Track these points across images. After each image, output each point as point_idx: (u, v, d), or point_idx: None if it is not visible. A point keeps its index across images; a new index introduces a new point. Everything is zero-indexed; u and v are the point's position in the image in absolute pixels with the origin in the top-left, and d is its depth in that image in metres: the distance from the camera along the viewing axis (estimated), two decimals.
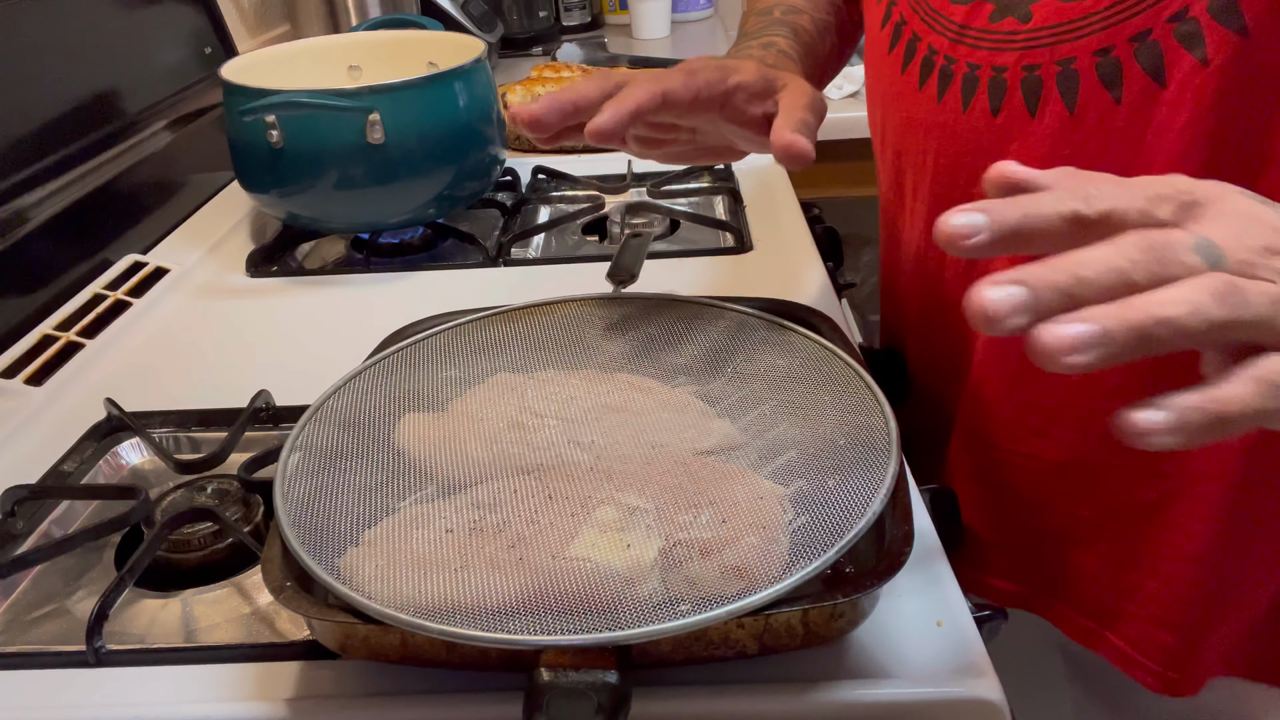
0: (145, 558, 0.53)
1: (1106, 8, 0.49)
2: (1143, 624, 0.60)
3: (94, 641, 0.48)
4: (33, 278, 0.82)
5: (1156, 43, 0.48)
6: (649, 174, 1.07)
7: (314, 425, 0.52)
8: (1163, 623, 0.59)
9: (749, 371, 0.56)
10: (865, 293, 1.51)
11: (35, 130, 0.86)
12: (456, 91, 0.90)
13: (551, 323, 0.61)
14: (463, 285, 0.87)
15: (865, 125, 0.72)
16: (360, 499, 0.48)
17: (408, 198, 0.90)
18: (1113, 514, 0.59)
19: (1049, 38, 0.51)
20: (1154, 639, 0.60)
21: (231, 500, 0.58)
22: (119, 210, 0.94)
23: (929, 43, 0.58)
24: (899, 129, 0.63)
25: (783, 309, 0.61)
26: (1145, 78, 0.48)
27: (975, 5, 0.55)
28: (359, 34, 1.08)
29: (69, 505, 0.61)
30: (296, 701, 0.45)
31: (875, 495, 0.44)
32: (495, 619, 0.40)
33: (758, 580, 0.41)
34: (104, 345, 0.78)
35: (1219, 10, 0.46)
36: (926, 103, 0.58)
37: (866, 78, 0.69)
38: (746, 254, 0.89)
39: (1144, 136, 0.49)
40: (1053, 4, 0.51)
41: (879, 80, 0.65)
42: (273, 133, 0.84)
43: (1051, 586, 0.64)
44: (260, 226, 1.01)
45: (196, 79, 1.14)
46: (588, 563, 0.42)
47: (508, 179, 1.08)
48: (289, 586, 0.43)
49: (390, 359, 0.57)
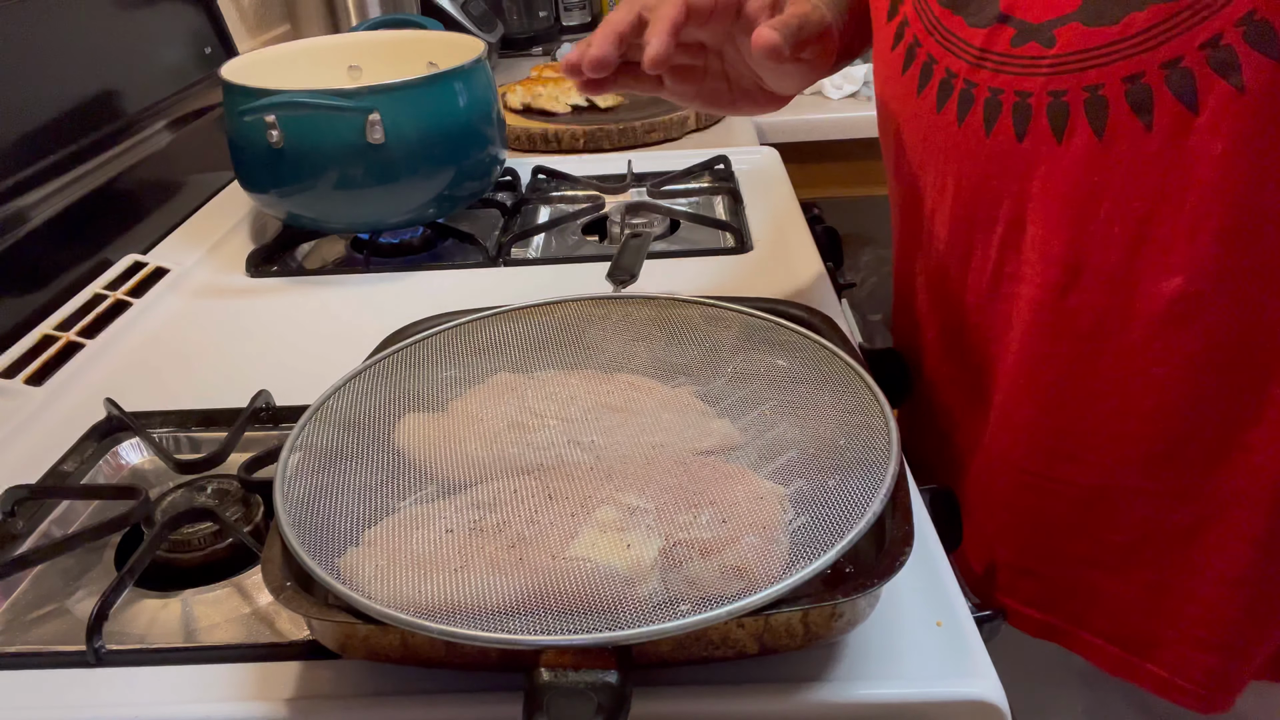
0: (145, 558, 0.53)
1: (1135, 34, 0.48)
2: (1183, 648, 0.59)
3: (94, 641, 0.48)
4: (33, 278, 0.82)
5: (1189, 70, 0.47)
6: (649, 174, 1.07)
7: (314, 425, 0.52)
8: (1205, 645, 0.58)
9: (749, 371, 0.56)
10: (865, 293, 1.51)
11: (35, 130, 0.86)
12: (456, 91, 0.89)
13: (551, 323, 0.61)
14: (463, 285, 0.87)
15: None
16: (360, 499, 0.48)
17: (408, 198, 0.90)
18: (1146, 540, 0.58)
19: (1075, 64, 0.50)
20: (1196, 662, 0.58)
21: (231, 500, 0.58)
22: (119, 210, 0.94)
23: (946, 65, 0.57)
24: (915, 150, 0.62)
25: (783, 309, 0.61)
26: (1178, 104, 0.47)
27: (995, 29, 0.54)
28: (359, 34, 1.08)
29: (69, 505, 0.61)
30: (296, 701, 0.45)
31: (875, 495, 0.44)
32: (495, 619, 0.40)
33: (758, 580, 0.41)
34: (104, 345, 0.78)
35: (1256, 38, 0.45)
36: (946, 126, 0.58)
37: (877, 96, 0.68)
38: (746, 254, 0.89)
39: (1177, 164, 0.48)
40: (1078, 29, 0.50)
41: (892, 100, 0.65)
42: (273, 133, 0.84)
43: (1080, 616, 0.63)
44: (260, 226, 1.01)
45: (196, 79, 1.14)
46: (588, 563, 0.42)
47: (508, 179, 1.08)
48: (289, 586, 0.43)
49: (390, 359, 0.57)
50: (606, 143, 1.21)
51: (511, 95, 1.33)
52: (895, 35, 0.62)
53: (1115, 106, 0.49)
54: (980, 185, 0.57)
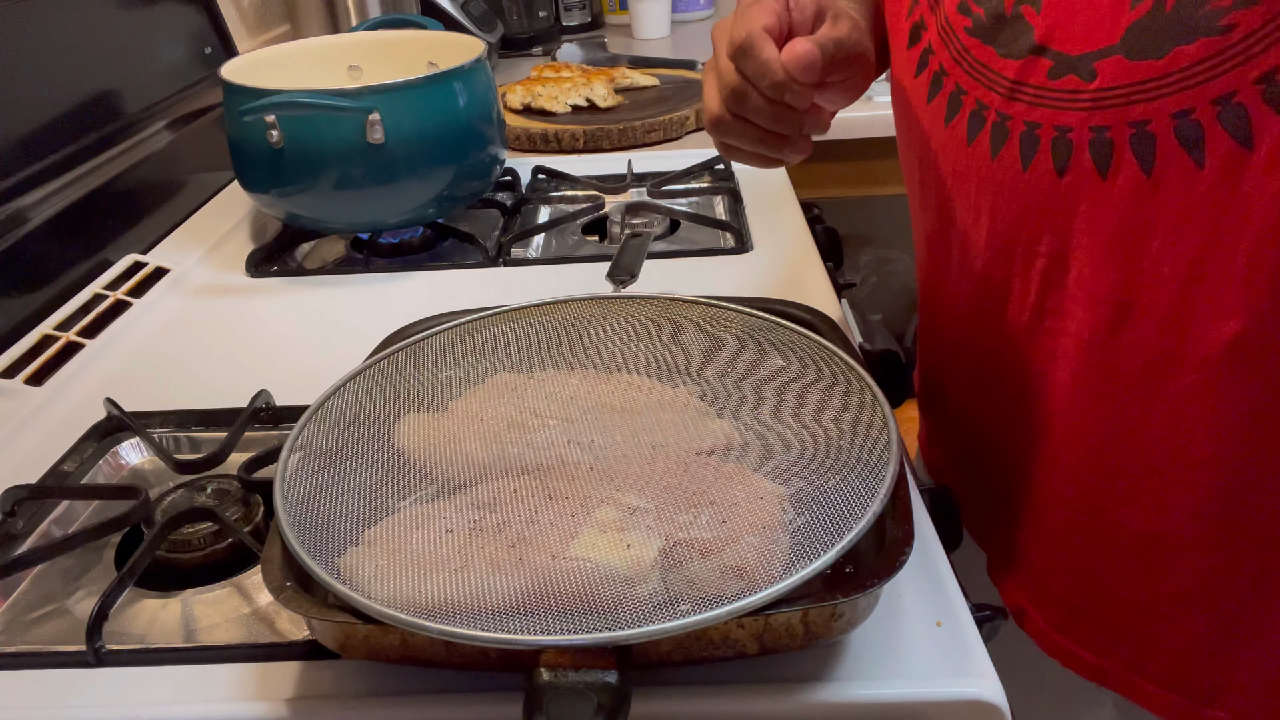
0: (145, 558, 0.53)
1: (1183, 68, 0.45)
2: (1251, 694, 0.56)
3: (94, 641, 0.48)
4: (33, 278, 0.82)
5: (1242, 105, 0.44)
6: (649, 174, 1.07)
7: (314, 425, 0.52)
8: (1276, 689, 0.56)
9: (749, 371, 0.56)
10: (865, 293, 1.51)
11: (35, 130, 0.86)
12: (456, 91, 0.90)
13: (551, 323, 0.61)
14: (463, 285, 0.87)
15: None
16: (360, 499, 0.48)
17: (408, 198, 0.90)
18: (1204, 590, 0.56)
19: (1119, 99, 0.48)
20: (1267, 707, 0.56)
21: (231, 500, 0.58)
22: (119, 210, 0.94)
23: (976, 97, 0.54)
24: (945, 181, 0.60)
25: (783, 309, 0.61)
26: (1231, 141, 0.45)
27: (1029, 61, 0.51)
28: (359, 34, 1.08)
29: (69, 505, 0.61)
30: (296, 701, 0.45)
31: (875, 495, 0.44)
32: (495, 619, 0.40)
33: (758, 580, 0.41)
34: (104, 345, 0.78)
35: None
36: (978, 159, 0.55)
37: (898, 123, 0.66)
38: (746, 254, 0.89)
39: (1231, 202, 0.46)
40: (1120, 63, 0.47)
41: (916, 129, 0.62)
42: (273, 133, 0.84)
43: (1137, 662, 0.60)
44: (260, 226, 1.01)
45: (196, 79, 1.14)
46: (588, 563, 0.42)
47: (508, 179, 1.08)
48: (289, 586, 0.43)
49: (390, 359, 0.57)
50: (606, 143, 1.21)
51: (511, 95, 1.33)
52: (919, 63, 0.59)
53: (1163, 143, 0.47)
54: (1018, 220, 0.55)
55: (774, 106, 0.54)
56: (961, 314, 0.64)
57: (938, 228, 0.64)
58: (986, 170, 0.55)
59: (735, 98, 0.55)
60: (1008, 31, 0.52)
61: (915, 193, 0.67)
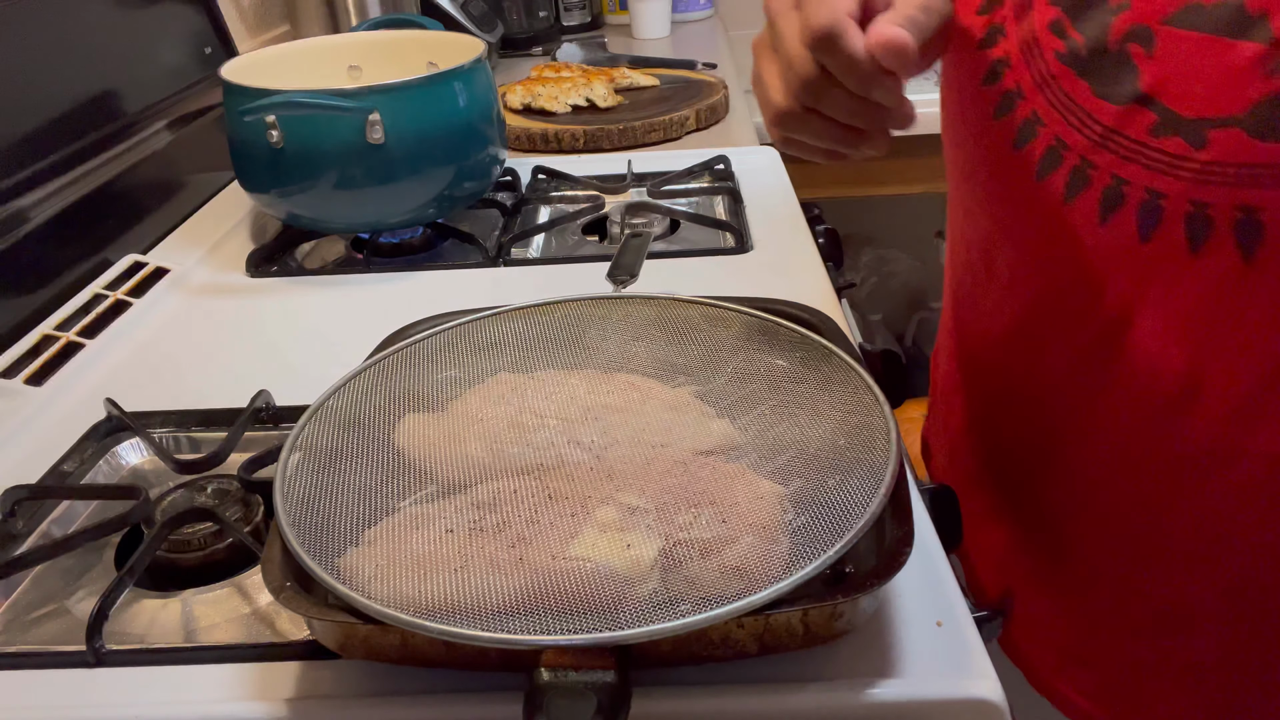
0: (145, 558, 0.53)
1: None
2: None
3: (94, 641, 0.48)
4: (33, 278, 0.82)
5: None
6: (649, 174, 1.07)
7: (314, 425, 0.52)
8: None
9: (749, 371, 0.56)
10: (865, 293, 1.51)
11: (35, 130, 0.86)
12: (456, 91, 0.89)
13: (551, 323, 0.61)
14: (463, 285, 0.87)
15: None
16: (360, 499, 0.48)
17: (408, 198, 0.90)
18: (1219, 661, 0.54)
19: (1229, 176, 0.43)
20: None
21: (231, 500, 0.58)
22: (119, 210, 0.94)
23: (1056, 133, 0.49)
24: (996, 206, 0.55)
25: (783, 309, 0.61)
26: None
27: (1130, 110, 0.45)
28: (359, 34, 1.08)
29: (69, 505, 0.61)
30: (296, 701, 0.45)
31: (875, 495, 0.44)
32: (495, 619, 0.40)
33: (758, 580, 0.41)
34: (104, 345, 0.78)
35: None
36: (1047, 196, 0.50)
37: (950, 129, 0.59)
38: (746, 254, 0.89)
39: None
40: (1239, 138, 0.42)
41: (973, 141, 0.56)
42: (273, 133, 0.84)
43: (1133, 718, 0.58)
44: (260, 226, 1.01)
45: (196, 79, 1.14)
46: (588, 563, 0.42)
47: (508, 179, 1.08)
48: (289, 586, 0.43)
49: (390, 359, 0.57)
50: (606, 143, 1.21)
51: (511, 95, 1.33)
52: (989, 72, 0.53)
53: (1272, 233, 0.43)
54: (1082, 272, 0.50)
55: (856, 101, 0.47)
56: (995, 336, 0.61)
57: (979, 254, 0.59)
58: (1054, 209, 0.50)
59: (810, 91, 0.47)
60: (1109, 69, 0.46)
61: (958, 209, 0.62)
